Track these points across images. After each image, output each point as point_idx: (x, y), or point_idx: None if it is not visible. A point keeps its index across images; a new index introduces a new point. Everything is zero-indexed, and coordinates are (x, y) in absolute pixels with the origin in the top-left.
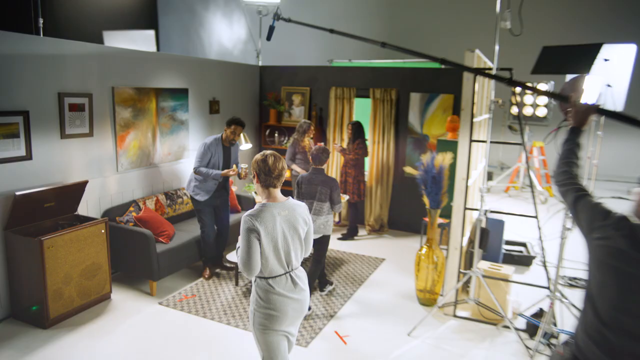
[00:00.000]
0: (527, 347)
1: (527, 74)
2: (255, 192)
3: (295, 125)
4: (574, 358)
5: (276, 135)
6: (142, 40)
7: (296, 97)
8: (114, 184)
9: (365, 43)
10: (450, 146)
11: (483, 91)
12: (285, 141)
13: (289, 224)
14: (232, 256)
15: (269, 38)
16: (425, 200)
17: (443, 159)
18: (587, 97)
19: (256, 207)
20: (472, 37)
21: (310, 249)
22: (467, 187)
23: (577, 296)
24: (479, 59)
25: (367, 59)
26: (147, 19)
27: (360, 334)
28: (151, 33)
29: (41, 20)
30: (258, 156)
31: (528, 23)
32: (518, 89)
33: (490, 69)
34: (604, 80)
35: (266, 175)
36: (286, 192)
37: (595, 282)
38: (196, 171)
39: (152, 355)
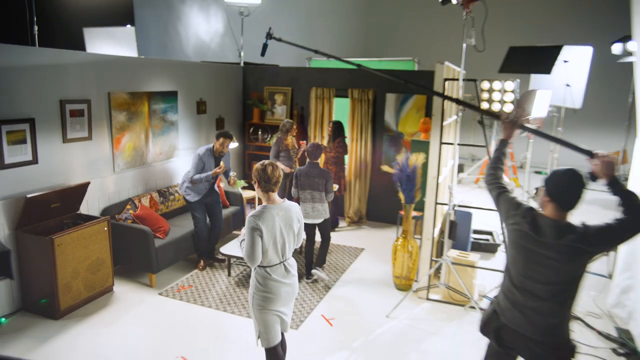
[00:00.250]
0: None
1: (496, 72)
2: (242, 188)
3: (278, 123)
4: (493, 311)
5: (259, 133)
6: (122, 38)
7: (278, 97)
8: (111, 183)
9: (343, 43)
10: (423, 146)
11: (452, 91)
12: (268, 138)
13: (285, 222)
14: (226, 249)
15: (262, 54)
16: (401, 196)
17: (416, 159)
18: (538, 110)
19: (258, 208)
20: (446, 33)
21: (301, 241)
22: (437, 184)
23: None
24: (448, 68)
25: (346, 57)
26: (123, 13)
27: (344, 317)
28: (131, 30)
29: (36, 28)
30: (258, 165)
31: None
32: (486, 86)
33: (455, 79)
34: (564, 80)
35: (266, 183)
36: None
37: (510, 257)
38: (192, 179)
39: (156, 341)
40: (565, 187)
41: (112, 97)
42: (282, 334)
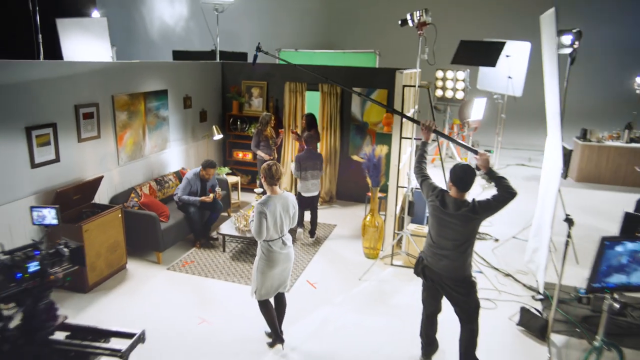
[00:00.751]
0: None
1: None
2: (226, 174)
3: (255, 114)
4: (420, 258)
5: (238, 123)
6: (95, 28)
7: (255, 90)
8: (117, 175)
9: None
10: (386, 138)
11: (411, 80)
12: (246, 128)
13: (284, 208)
14: (221, 229)
15: (253, 64)
16: (369, 180)
17: (381, 150)
18: (476, 114)
19: (264, 197)
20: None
21: (295, 222)
22: (398, 171)
23: (479, 245)
24: (406, 75)
25: (311, 49)
26: None
27: (325, 281)
28: (104, 20)
29: (40, 37)
30: (265, 165)
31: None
32: (440, 74)
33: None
34: (507, 73)
35: (270, 178)
36: (252, 173)
37: (430, 223)
38: (179, 199)
39: (173, 307)
40: (461, 177)
41: (116, 99)
42: (283, 294)
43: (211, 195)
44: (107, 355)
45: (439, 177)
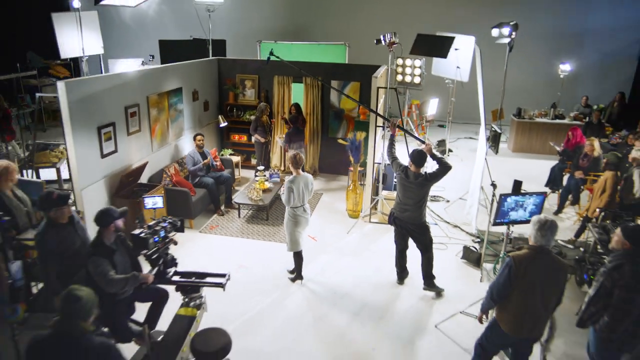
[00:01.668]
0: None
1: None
2: (231, 154)
3: (249, 103)
4: (392, 212)
5: (234, 110)
6: (87, 21)
7: (248, 82)
8: (151, 160)
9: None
10: (363, 125)
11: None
12: (242, 115)
13: (305, 185)
14: (236, 199)
15: (267, 63)
16: (351, 158)
17: (360, 136)
18: (430, 109)
19: (291, 177)
20: (374, 18)
21: (312, 194)
22: (374, 150)
23: (435, 205)
24: (380, 78)
25: (289, 41)
26: None
27: (321, 234)
28: (94, 13)
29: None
30: (291, 155)
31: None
32: (400, 62)
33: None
34: (455, 63)
35: (296, 164)
36: (247, 152)
37: (398, 189)
38: (189, 171)
39: (214, 260)
40: (417, 159)
41: (150, 99)
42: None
43: (208, 158)
44: (211, 287)
45: (403, 150)
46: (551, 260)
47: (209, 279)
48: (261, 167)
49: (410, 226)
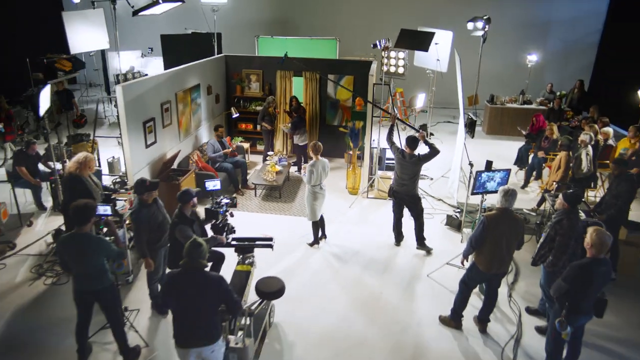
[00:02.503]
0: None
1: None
2: (242, 141)
3: (254, 95)
4: (391, 186)
5: (241, 102)
6: (94, 18)
7: (253, 77)
8: (179, 147)
9: (270, 23)
10: (360, 115)
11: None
12: (248, 106)
13: (323, 167)
14: (253, 180)
15: (281, 63)
16: (351, 144)
17: (358, 124)
18: (418, 103)
19: (312, 161)
20: (364, 13)
21: (327, 175)
22: (371, 136)
23: (421, 183)
24: (372, 77)
25: (284, 36)
26: None
27: (328, 209)
28: (100, 11)
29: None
30: (312, 144)
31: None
32: (378, 48)
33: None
34: (435, 56)
35: (316, 151)
36: (253, 139)
37: (396, 167)
38: (210, 158)
39: (239, 232)
40: (410, 142)
41: (178, 95)
42: (322, 216)
43: (229, 149)
44: (262, 247)
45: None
46: (512, 218)
47: (259, 242)
48: (270, 153)
49: (406, 197)
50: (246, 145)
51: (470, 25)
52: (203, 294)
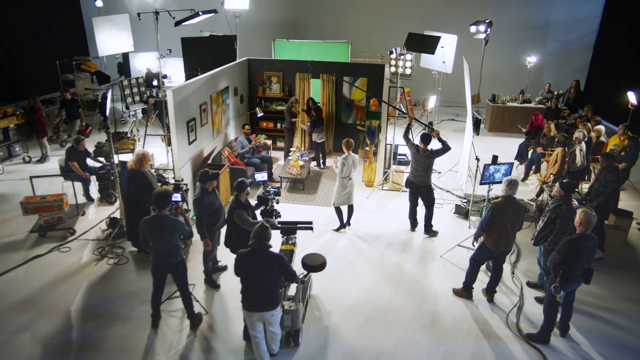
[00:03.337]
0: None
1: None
2: (264, 139)
3: (275, 96)
4: (408, 178)
5: (263, 102)
6: (120, 22)
7: (274, 78)
8: (212, 145)
9: (283, 27)
10: (375, 114)
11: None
12: (269, 105)
13: (352, 162)
14: (278, 174)
15: (307, 70)
16: (367, 140)
17: (375, 123)
18: (430, 104)
19: (344, 155)
20: (374, 17)
21: (356, 169)
22: (386, 135)
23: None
24: (387, 80)
25: (299, 39)
26: None
27: None
28: (126, 16)
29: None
30: (345, 140)
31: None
32: (394, 55)
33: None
34: (441, 59)
35: (348, 146)
36: (272, 137)
37: (412, 161)
38: (238, 154)
39: None
40: (424, 138)
41: (212, 97)
42: (352, 205)
43: (252, 144)
44: (304, 229)
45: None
46: (515, 203)
47: (301, 225)
48: (293, 149)
49: (420, 188)
50: (269, 141)
51: (473, 29)
52: (268, 268)
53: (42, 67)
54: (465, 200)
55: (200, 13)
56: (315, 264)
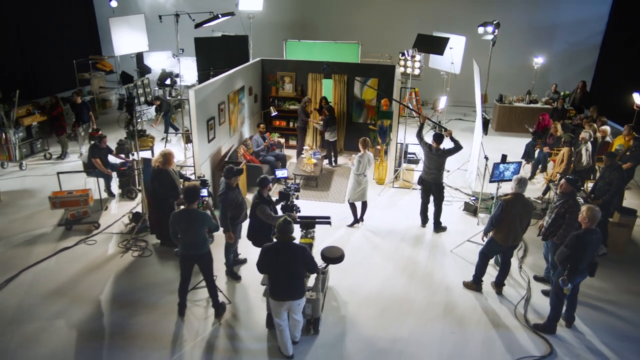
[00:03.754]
0: None
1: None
2: (278, 137)
3: (288, 95)
4: (420, 175)
5: (276, 101)
6: (135, 23)
7: (287, 78)
8: (229, 143)
9: (295, 28)
10: (386, 114)
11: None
12: (282, 105)
13: (368, 160)
14: (292, 170)
15: (323, 71)
16: (379, 139)
17: (386, 122)
18: (441, 104)
19: (360, 153)
20: (385, 18)
21: (371, 167)
22: (397, 133)
23: None
24: (399, 82)
25: (308, 39)
26: None
27: None
28: (142, 17)
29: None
30: (362, 139)
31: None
32: (402, 56)
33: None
34: (449, 59)
35: (365, 145)
36: (285, 135)
37: (425, 159)
38: (253, 152)
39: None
40: (437, 137)
41: (229, 96)
42: (366, 202)
43: (266, 141)
44: (322, 224)
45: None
46: (524, 201)
47: (319, 220)
48: (306, 147)
49: (432, 185)
50: (283, 140)
51: (480, 30)
52: (294, 259)
53: (57, 66)
54: (474, 198)
55: (220, 16)
56: (334, 256)
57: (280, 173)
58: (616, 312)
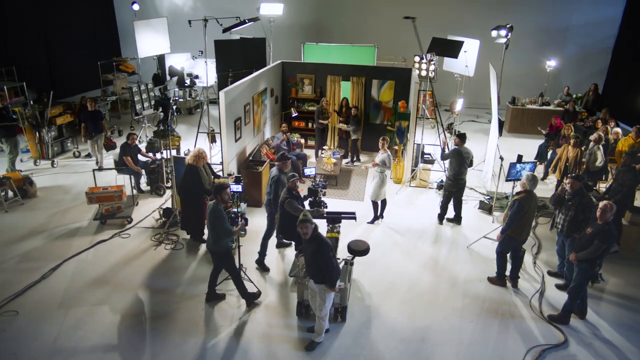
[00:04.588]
0: (438, 193)
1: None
2: (299, 137)
3: (307, 97)
4: (447, 178)
5: (295, 102)
6: (159, 26)
7: (306, 80)
8: (253, 142)
9: (313, 30)
10: (404, 115)
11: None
12: (301, 106)
13: (388, 158)
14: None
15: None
16: (397, 140)
17: (404, 124)
18: (457, 107)
19: (387, 153)
20: (399, 22)
21: (392, 165)
22: (414, 134)
23: None
24: (417, 84)
25: (328, 43)
26: None
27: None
28: (164, 20)
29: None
30: (381, 140)
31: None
32: (417, 59)
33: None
34: (464, 62)
35: (383, 144)
36: (304, 136)
37: (450, 160)
38: (275, 146)
39: None
40: (462, 136)
41: (254, 98)
42: (385, 199)
43: (285, 135)
44: (347, 219)
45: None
46: (535, 197)
47: (344, 215)
48: (325, 147)
49: (457, 186)
50: (302, 140)
51: (494, 33)
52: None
53: (81, 68)
54: (488, 197)
55: (247, 21)
56: (360, 249)
57: (308, 171)
58: (627, 305)
